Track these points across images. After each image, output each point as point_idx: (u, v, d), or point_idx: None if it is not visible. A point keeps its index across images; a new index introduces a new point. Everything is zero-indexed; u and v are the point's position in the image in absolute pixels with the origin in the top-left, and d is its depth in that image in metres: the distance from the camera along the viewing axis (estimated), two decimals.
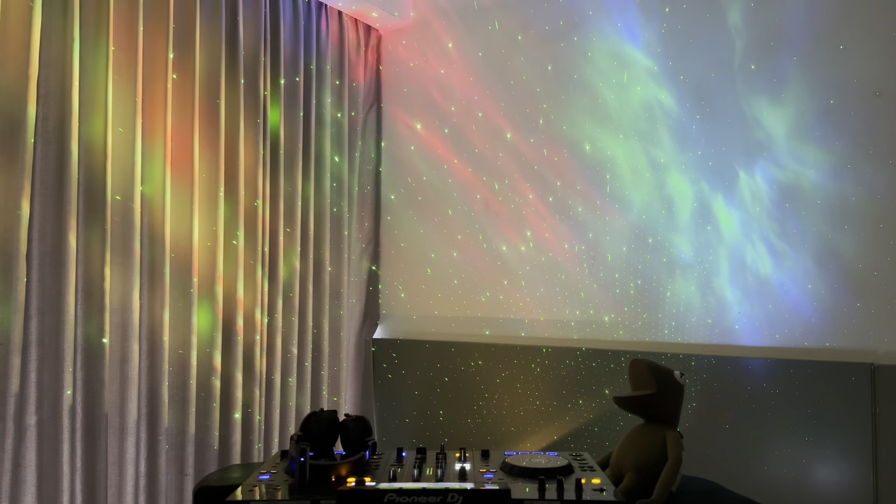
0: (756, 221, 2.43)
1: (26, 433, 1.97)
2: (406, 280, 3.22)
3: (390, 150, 3.29)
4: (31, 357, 1.99)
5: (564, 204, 2.82)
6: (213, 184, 2.48)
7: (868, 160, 2.25)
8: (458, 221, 3.08)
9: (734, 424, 2.41)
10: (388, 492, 1.55)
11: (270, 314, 2.71)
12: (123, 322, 2.22)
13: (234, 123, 2.55)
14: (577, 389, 2.71)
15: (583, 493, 1.68)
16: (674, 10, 2.60)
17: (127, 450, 2.22)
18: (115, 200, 2.21)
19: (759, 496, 2.28)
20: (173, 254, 2.37)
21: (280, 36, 2.75)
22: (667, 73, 2.61)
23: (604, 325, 2.73)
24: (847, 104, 2.28)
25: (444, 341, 3.04)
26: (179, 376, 2.38)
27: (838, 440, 2.23)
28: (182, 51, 2.40)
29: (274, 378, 2.71)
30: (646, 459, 1.88)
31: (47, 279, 2.03)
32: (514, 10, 2.96)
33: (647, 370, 1.97)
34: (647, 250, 2.64)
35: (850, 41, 2.28)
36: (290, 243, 2.81)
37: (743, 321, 2.45)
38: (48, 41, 2.02)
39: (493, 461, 1.98)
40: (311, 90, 2.90)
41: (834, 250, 2.30)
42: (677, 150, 2.58)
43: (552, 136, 2.85)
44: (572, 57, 2.81)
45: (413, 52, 3.22)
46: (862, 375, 2.20)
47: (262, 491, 1.71)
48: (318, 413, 1.97)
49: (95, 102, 2.14)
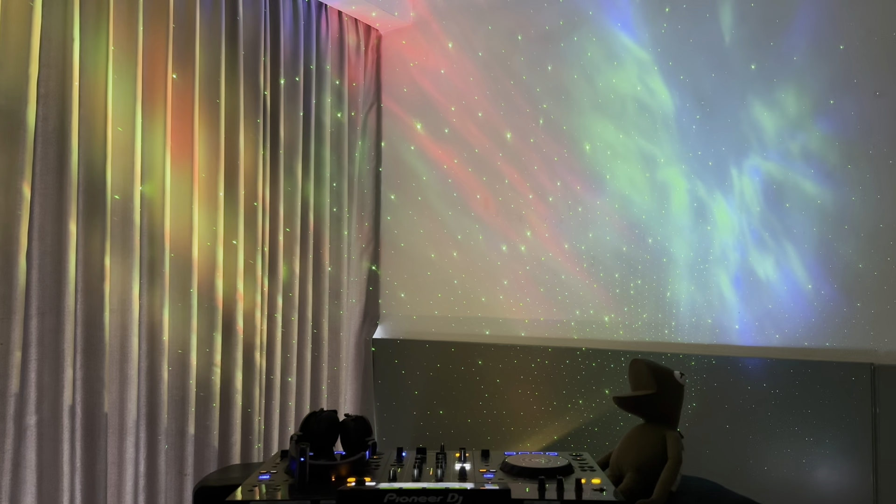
0: (756, 221, 2.43)
1: (26, 433, 1.97)
2: (406, 280, 3.22)
3: (390, 150, 3.29)
4: (31, 357, 1.99)
5: (564, 204, 2.82)
6: (212, 184, 2.48)
7: (868, 160, 2.25)
8: (458, 221, 3.08)
9: (734, 424, 2.41)
10: (388, 492, 1.55)
11: (270, 314, 2.71)
12: (123, 322, 2.22)
13: (234, 123, 2.55)
14: (577, 389, 2.71)
15: (583, 493, 1.68)
16: (673, 9, 2.60)
17: (126, 450, 2.22)
18: (114, 200, 2.21)
19: (759, 496, 2.28)
20: (173, 253, 2.37)
21: (280, 36, 2.75)
22: (667, 73, 2.61)
23: (604, 325, 2.72)
24: (847, 104, 2.28)
25: (444, 341, 3.04)
26: (179, 376, 2.38)
27: (838, 440, 2.23)
28: (182, 51, 2.40)
29: (274, 378, 2.71)
30: (646, 459, 1.88)
31: (47, 279, 2.03)
32: (514, 10, 2.95)
33: (647, 370, 1.97)
34: (647, 250, 2.64)
35: (850, 41, 2.28)
36: (290, 243, 2.81)
37: (743, 321, 2.45)
38: (48, 41, 2.02)
39: (493, 461, 1.98)
40: (311, 90, 2.90)
41: (834, 250, 2.30)
42: (677, 149, 2.58)
43: (552, 136, 2.85)
44: (572, 57, 2.81)
45: (413, 52, 3.22)
46: (862, 375, 2.20)
47: (262, 491, 1.71)
48: (318, 413, 1.97)
49: (95, 102, 2.14)
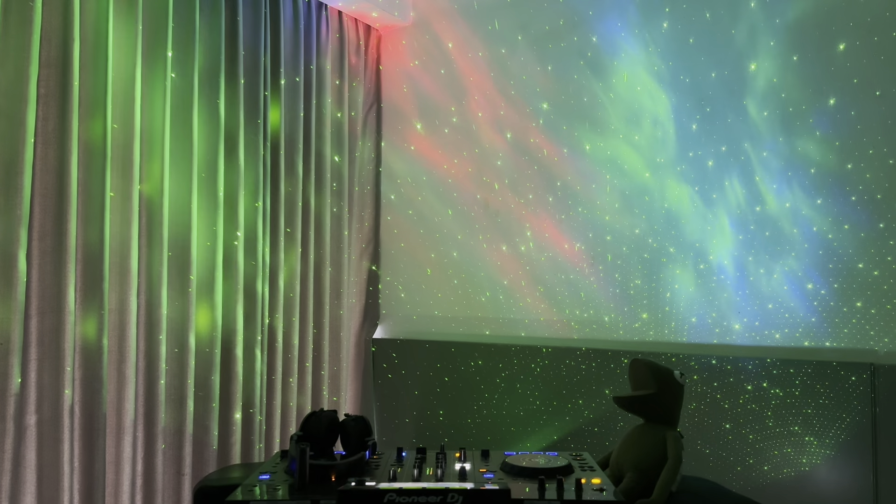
0: (756, 221, 2.43)
1: (26, 433, 1.97)
2: (406, 280, 3.22)
3: (390, 150, 3.29)
4: (31, 357, 1.99)
5: (564, 204, 2.82)
6: (212, 184, 2.48)
7: (868, 160, 2.25)
8: (458, 221, 3.08)
9: (734, 424, 2.41)
10: (388, 492, 1.55)
11: (271, 314, 2.72)
12: (122, 322, 2.22)
13: (235, 124, 2.55)
14: (577, 389, 2.71)
15: (583, 493, 1.68)
16: (674, 10, 2.59)
17: (124, 449, 2.21)
18: (114, 200, 2.21)
19: (759, 496, 2.28)
20: (171, 253, 2.37)
21: (280, 36, 2.75)
22: (667, 73, 2.61)
23: (604, 325, 2.72)
24: (847, 104, 2.28)
25: (444, 341, 3.04)
26: (178, 376, 2.38)
27: (838, 440, 2.23)
28: (182, 51, 2.40)
29: (275, 378, 2.71)
30: (646, 459, 1.88)
31: (47, 279, 2.03)
32: (514, 10, 2.95)
33: (647, 370, 1.97)
34: (647, 250, 2.64)
35: (850, 41, 2.28)
36: (290, 243, 2.81)
37: (743, 321, 2.45)
38: (48, 41, 2.02)
39: (493, 461, 1.98)
40: (311, 90, 2.90)
41: (834, 250, 2.30)
42: (677, 149, 2.58)
43: (552, 136, 2.85)
44: (572, 57, 2.81)
45: (413, 51, 3.22)
46: (862, 375, 2.20)
47: (263, 491, 1.71)
48: (318, 413, 1.97)
49: (95, 102, 2.14)
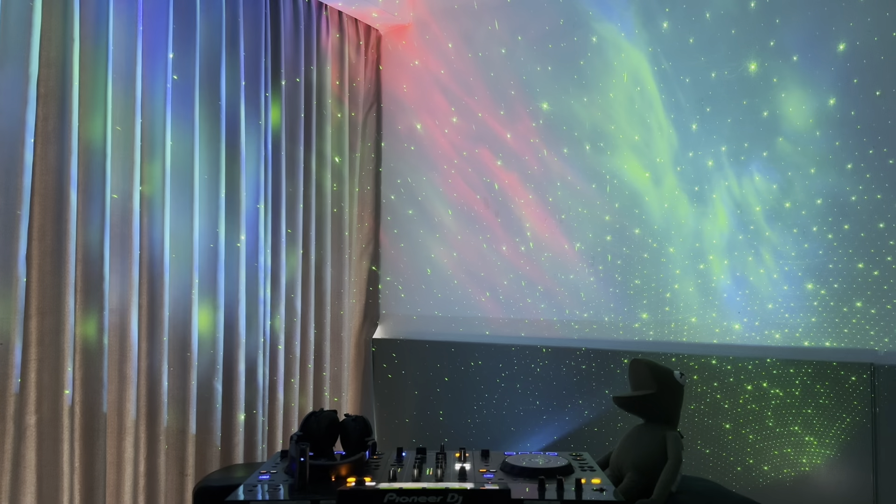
0: (756, 221, 2.43)
1: (26, 433, 1.97)
2: (406, 280, 3.22)
3: (390, 150, 3.29)
4: (31, 357, 1.98)
5: (564, 204, 2.82)
6: (214, 185, 2.48)
7: (868, 160, 2.25)
8: (458, 221, 3.08)
9: (734, 424, 2.41)
10: (388, 492, 1.56)
11: (272, 314, 2.72)
12: (122, 322, 2.22)
13: (235, 124, 2.55)
14: (577, 389, 2.71)
15: (583, 493, 1.68)
16: (674, 10, 2.59)
17: (125, 450, 2.21)
18: (114, 200, 2.21)
19: (759, 496, 2.28)
20: (173, 254, 2.37)
21: (280, 36, 2.75)
22: (667, 73, 2.60)
23: (604, 325, 2.72)
24: (847, 104, 2.28)
25: (444, 341, 3.04)
26: (180, 377, 2.38)
27: (838, 440, 2.23)
28: (183, 51, 2.40)
29: (276, 379, 2.71)
30: (646, 459, 1.88)
31: (47, 279, 2.02)
32: (514, 9, 2.95)
33: (647, 370, 1.97)
34: (647, 250, 2.64)
35: (850, 41, 2.28)
36: (291, 244, 2.81)
37: (743, 321, 2.45)
38: (48, 41, 2.02)
39: (493, 461, 1.98)
40: (311, 90, 2.90)
41: (834, 250, 2.30)
42: (677, 149, 2.58)
43: (552, 136, 2.85)
44: (572, 57, 2.81)
45: (413, 52, 3.22)
46: (862, 375, 2.20)
47: (263, 491, 1.71)
48: (317, 413, 1.97)
49: (95, 102, 2.14)
